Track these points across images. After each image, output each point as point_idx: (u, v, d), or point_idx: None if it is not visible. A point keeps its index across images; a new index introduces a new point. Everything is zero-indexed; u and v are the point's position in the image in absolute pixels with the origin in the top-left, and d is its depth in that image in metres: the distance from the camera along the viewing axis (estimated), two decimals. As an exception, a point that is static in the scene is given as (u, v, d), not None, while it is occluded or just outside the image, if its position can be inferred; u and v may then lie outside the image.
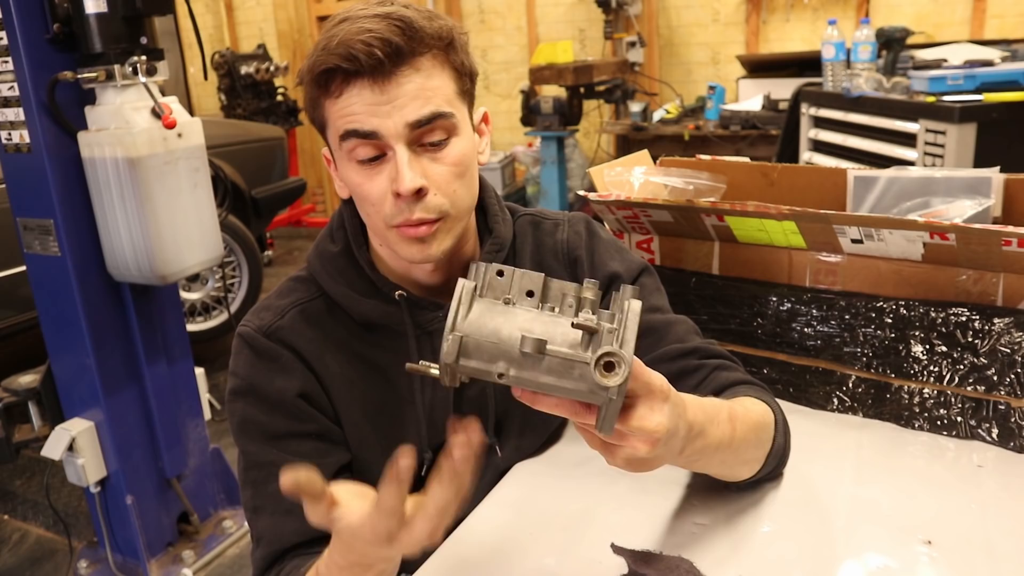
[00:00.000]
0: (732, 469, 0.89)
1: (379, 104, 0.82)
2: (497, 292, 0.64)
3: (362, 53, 0.80)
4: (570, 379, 0.61)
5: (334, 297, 0.96)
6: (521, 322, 0.62)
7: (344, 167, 0.88)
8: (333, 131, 0.86)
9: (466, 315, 0.61)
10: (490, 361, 0.61)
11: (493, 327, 0.61)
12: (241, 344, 0.94)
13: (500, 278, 0.64)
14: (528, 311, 0.63)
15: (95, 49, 1.80)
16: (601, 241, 1.06)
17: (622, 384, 0.59)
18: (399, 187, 0.83)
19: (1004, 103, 2.34)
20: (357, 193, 0.88)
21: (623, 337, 0.61)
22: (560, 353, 0.60)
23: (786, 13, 4.63)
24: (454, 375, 0.62)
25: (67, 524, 2.41)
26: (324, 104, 0.86)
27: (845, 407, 1.15)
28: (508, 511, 0.97)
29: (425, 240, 0.87)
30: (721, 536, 0.89)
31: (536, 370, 0.61)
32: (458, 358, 0.61)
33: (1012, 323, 1.05)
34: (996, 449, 1.03)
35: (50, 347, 2.06)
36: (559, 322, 0.62)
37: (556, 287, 0.65)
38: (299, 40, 6.27)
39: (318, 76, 0.83)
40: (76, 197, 1.90)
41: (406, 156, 0.83)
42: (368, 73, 0.81)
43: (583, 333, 0.61)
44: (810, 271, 1.25)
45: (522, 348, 0.60)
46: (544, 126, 4.35)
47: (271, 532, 0.90)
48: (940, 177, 1.26)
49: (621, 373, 0.59)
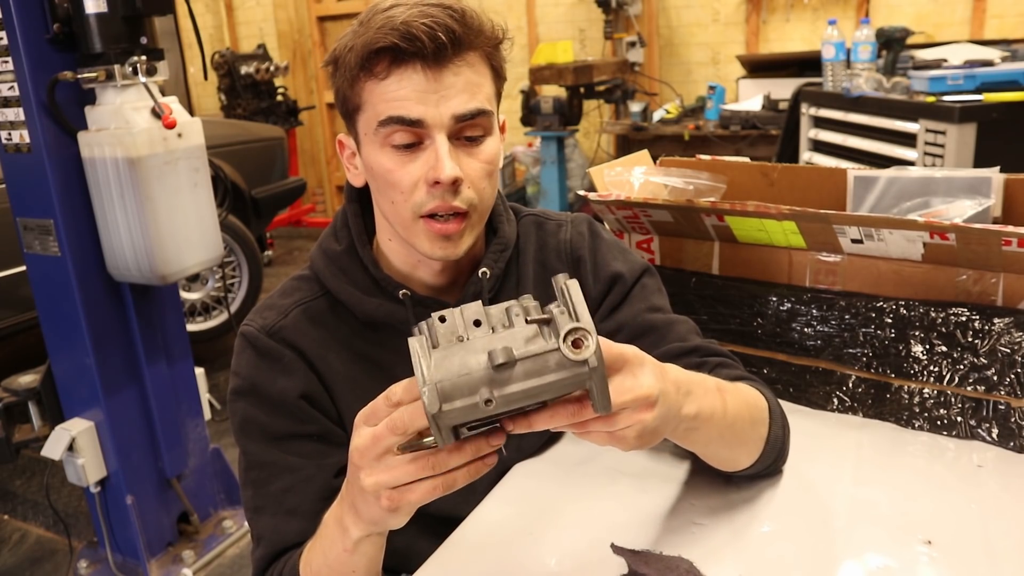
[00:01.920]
0: (732, 450, 0.89)
1: (428, 92, 0.82)
2: (447, 335, 0.64)
3: (425, 35, 0.80)
4: (549, 372, 0.61)
5: (338, 295, 0.95)
6: (481, 347, 0.62)
7: (374, 152, 0.87)
8: (371, 114, 0.85)
9: (430, 366, 0.61)
10: (471, 394, 0.61)
11: (459, 363, 0.61)
12: (244, 343, 0.94)
13: (444, 323, 0.64)
14: (482, 337, 0.64)
15: (95, 49, 1.80)
16: (604, 242, 1.07)
17: (596, 350, 0.59)
18: (439, 175, 0.83)
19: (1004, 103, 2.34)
20: (386, 179, 0.87)
21: (575, 312, 0.62)
22: (529, 353, 0.61)
23: (786, 13, 4.63)
24: (446, 428, 0.62)
25: (67, 524, 2.41)
26: (364, 85, 0.84)
27: (845, 407, 1.15)
28: (508, 511, 0.97)
29: (451, 238, 0.88)
30: (721, 536, 0.89)
31: (515, 380, 0.61)
32: (441, 405, 0.60)
33: (1012, 323, 1.05)
34: (996, 449, 1.03)
35: (50, 347, 2.06)
36: (515, 331, 0.63)
37: (495, 309, 0.65)
38: (299, 40, 6.27)
39: (368, 54, 0.82)
40: (76, 197, 1.90)
41: (447, 146, 0.84)
42: (423, 58, 0.81)
43: (540, 327, 0.62)
44: (810, 271, 1.25)
45: (493, 363, 0.60)
46: (544, 126, 4.35)
47: (272, 532, 0.90)
48: (940, 177, 1.26)
49: (590, 341, 0.59)
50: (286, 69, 5.42)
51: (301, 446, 0.92)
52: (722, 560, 0.84)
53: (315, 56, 6.24)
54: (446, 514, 0.97)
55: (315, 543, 0.81)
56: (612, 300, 1.04)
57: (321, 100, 6.32)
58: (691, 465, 1.03)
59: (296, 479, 0.90)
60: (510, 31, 0.90)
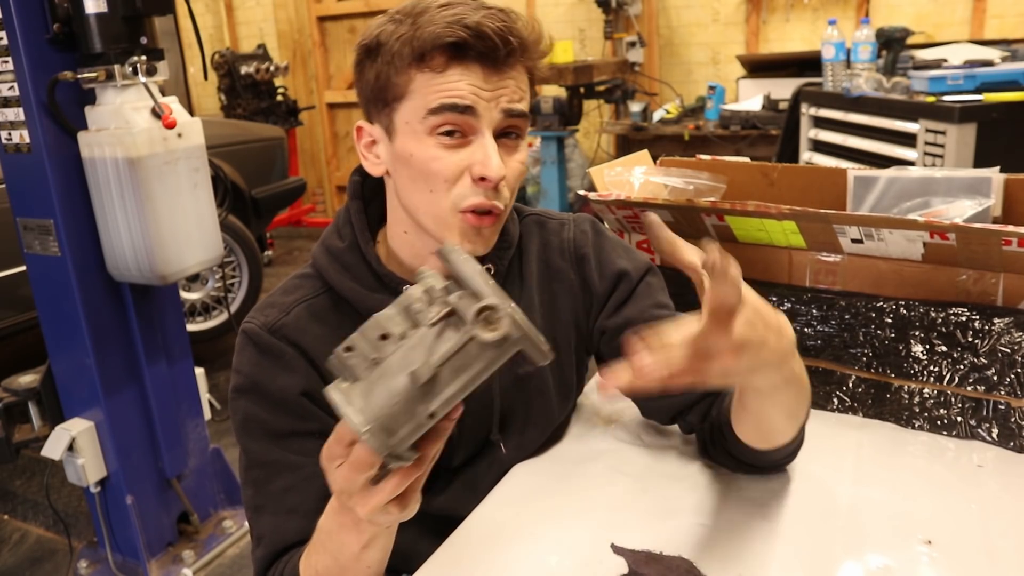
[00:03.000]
0: (789, 418, 0.86)
1: (483, 89, 0.84)
2: (360, 364, 0.60)
3: (497, 37, 0.82)
4: (476, 360, 0.58)
5: (341, 292, 0.95)
6: (399, 365, 0.59)
7: (414, 141, 0.87)
8: (419, 103, 0.85)
9: (358, 407, 0.59)
10: (411, 416, 0.58)
11: (385, 393, 0.58)
12: (245, 341, 0.94)
13: (351, 352, 0.60)
14: (396, 350, 0.60)
15: (95, 49, 1.80)
16: (608, 240, 1.08)
17: (511, 320, 0.56)
18: (488, 172, 0.85)
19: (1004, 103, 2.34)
20: (426, 169, 0.87)
21: (474, 289, 0.57)
22: (447, 353, 0.58)
23: (786, 13, 4.63)
24: (404, 450, 0.60)
25: (67, 524, 2.41)
26: (416, 75, 0.85)
27: (845, 407, 1.15)
28: (508, 511, 0.97)
29: (482, 234, 0.90)
30: (721, 536, 0.89)
31: (446, 384, 0.58)
32: (387, 442, 0.58)
33: (1012, 323, 1.05)
34: (996, 449, 1.03)
35: (50, 347, 2.06)
36: (424, 334, 0.59)
37: (396, 311, 0.61)
38: (299, 40, 6.27)
39: (433, 47, 0.83)
40: (76, 197, 1.90)
41: (494, 144, 0.86)
42: (485, 58, 0.84)
43: (446, 323, 0.59)
44: (810, 271, 1.25)
45: (420, 383, 0.57)
46: (544, 126, 4.35)
47: (272, 532, 0.90)
48: (940, 177, 1.26)
49: (501, 316, 0.56)
50: (286, 69, 5.42)
51: (302, 444, 0.91)
52: (722, 560, 0.84)
53: (315, 56, 6.24)
54: (446, 514, 0.97)
55: (317, 548, 0.80)
56: (618, 297, 1.04)
57: (321, 100, 6.32)
58: (692, 465, 1.03)
59: (297, 478, 0.90)
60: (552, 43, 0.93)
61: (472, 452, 1.03)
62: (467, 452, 1.02)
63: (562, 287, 1.05)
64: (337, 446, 0.65)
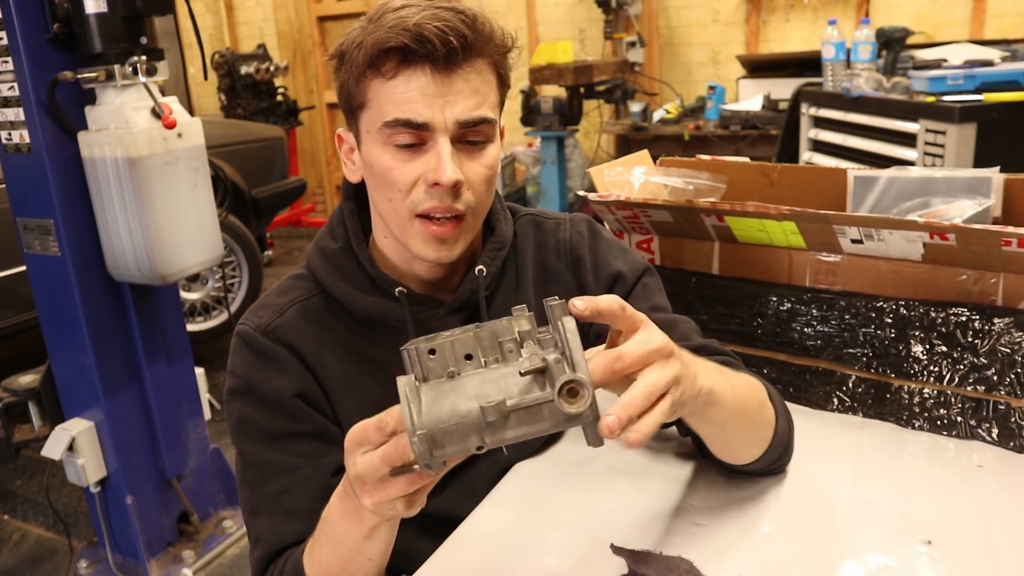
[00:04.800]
0: (745, 434, 0.88)
1: (435, 95, 0.82)
2: (438, 370, 0.63)
3: (436, 39, 0.80)
4: (543, 420, 0.61)
5: (334, 293, 0.95)
6: (473, 390, 0.61)
7: (375, 150, 0.87)
8: (376, 114, 0.85)
9: (419, 409, 0.60)
10: (462, 440, 0.60)
11: (450, 408, 0.60)
12: (239, 343, 0.94)
13: (434, 356, 0.63)
14: (475, 375, 0.62)
15: (95, 49, 1.80)
16: (604, 241, 1.07)
17: (592, 403, 0.60)
18: (440, 177, 0.83)
19: (1004, 103, 2.34)
20: (385, 178, 0.87)
21: (572, 360, 0.61)
22: (523, 404, 0.60)
23: (786, 13, 4.63)
24: (437, 464, 0.62)
25: (67, 524, 2.41)
26: (370, 83, 0.84)
27: (845, 407, 1.15)
28: (508, 511, 0.97)
29: (446, 242, 0.88)
30: (721, 536, 0.89)
31: (507, 428, 0.60)
32: (432, 453, 0.60)
33: (1012, 323, 1.05)
34: (996, 449, 1.03)
35: (50, 347, 2.06)
36: (507, 373, 0.62)
37: (488, 337, 0.64)
38: (299, 40, 6.27)
39: (377, 53, 0.82)
40: (76, 197, 1.90)
41: (449, 149, 0.84)
42: (432, 60, 0.81)
43: (534, 377, 0.61)
44: (810, 271, 1.25)
45: (487, 419, 0.59)
46: (544, 126, 4.35)
47: (269, 533, 0.90)
48: (940, 177, 1.26)
49: (586, 394, 0.60)
50: (286, 69, 5.42)
51: (298, 445, 0.91)
52: (722, 560, 0.84)
53: (315, 56, 6.23)
54: (446, 514, 0.97)
55: (321, 538, 0.80)
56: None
57: (321, 100, 6.32)
58: (692, 465, 1.03)
59: (293, 480, 0.90)
60: (517, 38, 0.90)
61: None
62: None
63: (558, 289, 1.04)
64: (375, 433, 0.65)
